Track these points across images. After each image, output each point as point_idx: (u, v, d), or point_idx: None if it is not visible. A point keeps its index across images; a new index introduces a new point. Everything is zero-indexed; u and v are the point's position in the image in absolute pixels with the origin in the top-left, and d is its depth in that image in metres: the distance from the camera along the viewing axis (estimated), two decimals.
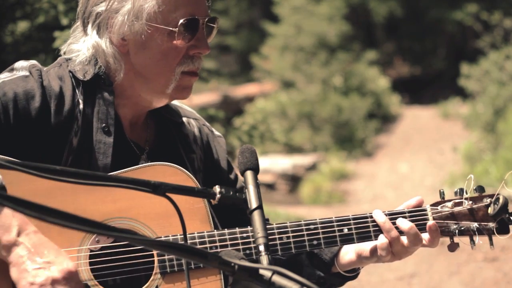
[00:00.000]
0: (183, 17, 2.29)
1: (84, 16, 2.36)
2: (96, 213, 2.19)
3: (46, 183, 1.80)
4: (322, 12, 19.40)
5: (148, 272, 2.24)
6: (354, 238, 2.37)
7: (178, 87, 2.36)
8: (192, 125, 2.60)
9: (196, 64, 2.37)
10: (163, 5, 2.28)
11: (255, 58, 20.35)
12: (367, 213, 2.40)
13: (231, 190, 1.96)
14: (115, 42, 2.32)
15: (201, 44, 2.35)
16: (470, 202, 2.40)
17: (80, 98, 2.32)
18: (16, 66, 2.35)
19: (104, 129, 2.32)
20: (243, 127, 6.32)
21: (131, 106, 2.41)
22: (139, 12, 2.28)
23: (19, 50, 5.45)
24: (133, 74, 2.35)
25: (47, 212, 1.46)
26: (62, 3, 5.01)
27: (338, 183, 14.34)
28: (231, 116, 9.12)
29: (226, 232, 2.28)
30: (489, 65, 15.43)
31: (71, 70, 2.35)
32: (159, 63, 2.32)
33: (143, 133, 2.48)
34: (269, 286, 1.58)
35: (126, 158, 2.33)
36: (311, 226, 2.34)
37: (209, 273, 2.25)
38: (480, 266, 7.42)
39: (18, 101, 2.22)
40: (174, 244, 1.58)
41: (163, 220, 2.24)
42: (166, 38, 2.30)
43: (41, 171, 1.61)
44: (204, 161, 2.58)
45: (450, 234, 2.41)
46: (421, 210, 2.43)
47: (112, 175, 2.05)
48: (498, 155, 11.59)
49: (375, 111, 18.78)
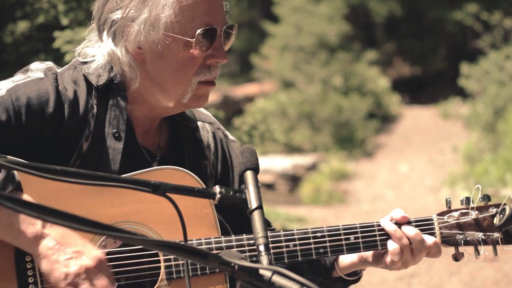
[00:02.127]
0: (200, 27, 2.25)
1: (99, 22, 2.32)
2: (104, 216, 2.18)
3: (54, 184, 1.80)
4: (322, 12, 19.40)
5: (154, 278, 2.23)
6: (361, 247, 2.36)
7: (194, 96, 2.33)
8: (207, 129, 2.57)
9: (213, 74, 2.33)
10: (180, 14, 2.24)
11: (255, 58, 20.35)
12: (374, 222, 2.39)
13: (231, 190, 1.96)
14: (130, 51, 2.28)
15: (219, 54, 2.31)
16: (476, 212, 2.40)
17: (93, 103, 2.29)
18: (31, 67, 2.31)
19: (114, 135, 2.30)
20: (243, 127, 6.32)
21: (145, 112, 2.38)
22: (156, 21, 2.24)
23: (19, 50, 5.45)
24: (148, 82, 2.32)
25: (47, 212, 1.46)
26: (62, 3, 5.01)
27: (338, 183, 14.34)
28: (231, 116, 9.13)
29: (233, 239, 2.27)
30: (489, 65, 15.42)
31: (85, 74, 2.32)
32: (176, 73, 2.29)
33: (156, 139, 2.45)
34: (269, 286, 1.58)
35: (137, 165, 2.30)
36: (318, 234, 2.33)
37: (215, 281, 2.24)
38: (480, 266, 7.42)
39: (31, 106, 2.19)
40: (174, 244, 1.58)
41: (170, 224, 2.23)
42: (182, 48, 2.26)
43: (41, 171, 1.61)
44: (217, 167, 2.56)
45: (455, 244, 2.41)
46: (427, 220, 2.42)
47: (112, 175, 2.05)
48: (498, 155, 11.58)
49: (375, 111, 18.77)
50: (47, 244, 2.05)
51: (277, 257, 2.29)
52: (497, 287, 7.03)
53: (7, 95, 2.19)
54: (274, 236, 2.29)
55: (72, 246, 2.06)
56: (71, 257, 2.05)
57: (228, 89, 18.99)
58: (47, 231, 2.06)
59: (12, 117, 2.16)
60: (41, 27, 5.42)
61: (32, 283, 2.12)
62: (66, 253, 2.05)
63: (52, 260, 2.04)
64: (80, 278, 2.03)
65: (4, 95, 2.19)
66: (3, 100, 2.17)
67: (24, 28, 5.48)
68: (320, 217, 11.39)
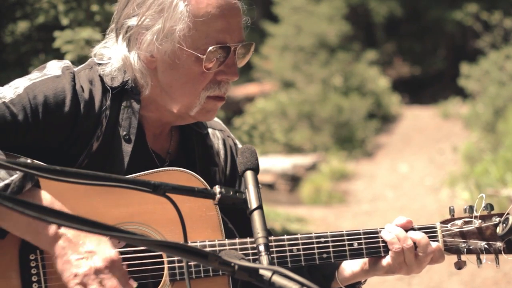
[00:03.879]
0: (212, 44, 2.23)
1: (117, 25, 2.33)
2: (108, 217, 2.19)
3: (60, 184, 1.80)
4: (322, 12, 19.39)
5: (157, 279, 2.23)
6: (364, 253, 2.36)
7: (202, 110, 2.33)
8: (217, 136, 2.57)
9: (223, 90, 2.33)
10: (194, 29, 2.22)
11: (255, 58, 20.33)
12: (378, 228, 2.39)
13: (231, 190, 1.96)
14: (142, 58, 2.28)
15: (230, 71, 2.30)
16: (479, 221, 2.40)
17: (107, 104, 2.29)
18: (48, 65, 2.32)
19: (124, 137, 2.30)
20: (243, 127, 6.33)
21: (156, 117, 2.38)
22: (169, 33, 2.23)
23: (19, 50, 5.46)
24: (159, 90, 2.32)
25: (47, 212, 1.46)
26: (62, 3, 5.01)
27: (338, 183, 14.33)
28: (231, 116, 9.13)
29: (237, 242, 2.27)
30: (489, 65, 15.42)
31: (100, 75, 2.32)
32: (185, 86, 2.28)
33: (166, 144, 2.45)
34: (269, 286, 1.58)
35: (145, 168, 2.29)
36: (321, 239, 2.33)
37: (218, 283, 2.24)
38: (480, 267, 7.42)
39: (48, 104, 2.20)
40: (174, 244, 1.58)
41: (174, 226, 2.22)
42: (194, 62, 2.25)
43: (41, 171, 1.61)
44: (226, 173, 2.57)
45: (458, 252, 2.41)
46: (430, 227, 2.42)
47: (113, 175, 2.05)
48: (498, 155, 11.57)
49: (375, 111, 18.76)
50: (61, 244, 2.06)
51: (280, 261, 2.29)
52: (497, 287, 7.03)
53: (24, 93, 2.20)
54: (277, 240, 2.30)
55: (85, 245, 2.06)
56: (83, 257, 2.05)
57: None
58: (62, 230, 2.07)
59: (29, 115, 2.17)
60: (41, 27, 5.43)
61: (35, 281, 2.13)
62: (78, 253, 2.06)
63: (64, 260, 2.06)
64: (90, 279, 2.04)
65: (21, 93, 2.20)
66: (20, 99, 2.18)
67: (24, 28, 5.49)
68: (320, 217, 11.40)
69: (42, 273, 2.13)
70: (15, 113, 2.16)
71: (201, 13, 2.23)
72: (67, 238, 2.06)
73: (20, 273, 2.13)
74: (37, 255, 2.14)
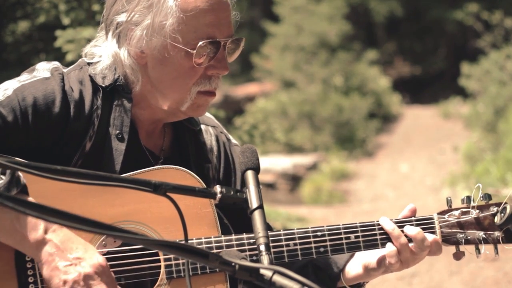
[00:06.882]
0: (202, 39, 2.23)
1: (106, 22, 2.33)
2: (104, 216, 2.18)
3: (55, 184, 1.79)
4: (322, 11, 19.39)
5: (154, 277, 2.22)
6: (361, 246, 2.35)
7: (193, 105, 2.32)
8: (210, 133, 2.56)
9: (214, 84, 2.32)
10: (183, 24, 2.22)
11: (255, 58, 20.34)
12: (374, 221, 2.38)
13: (232, 190, 1.96)
14: (132, 54, 2.28)
15: (220, 65, 2.30)
16: (477, 211, 2.39)
17: (98, 104, 2.29)
18: (37, 67, 2.31)
19: (117, 136, 2.30)
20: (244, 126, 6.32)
21: (149, 115, 2.38)
22: (159, 28, 2.23)
23: (20, 50, 5.46)
24: (150, 86, 2.32)
25: (47, 212, 1.46)
26: (63, 2, 5.01)
27: (338, 183, 14.33)
28: (231, 115, 9.13)
29: (233, 238, 2.26)
30: (489, 64, 15.42)
31: (91, 75, 2.32)
32: (175, 81, 2.28)
33: (159, 141, 2.45)
34: (270, 285, 1.58)
35: (139, 166, 2.29)
36: (318, 233, 2.32)
37: (215, 280, 2.24)
38: (481, 266, 7.42)
39: (37, 106, 2.20)
40: (174, 244, 1.58)
41: (170, 224, 2.23)
42: (184, 57, 2.25)
43: (42, 170, 1.61)
44: (219, 170, 2.56)
45: (456, 243, 2.40)
46: (428, 219, 2.41)
47: (113, 175, 2.06)
48: (498, 154, 11.57)
49: (376, 111, 18.76)
50: (48, 250, 2.05)
51: (277, 256, 2.28)
52: (497, 286, 7.03)
53: (14, 95, 2.19)
54: (274, 235, 2.29)
55: (73, 252, 2.05)
56: (71, 263, 2.04)
57: (228, 89, 18.97)
58: (49, 236, 2.06)
59: (18, 117, 2.17)
60: (41, 27, 5.43)
61: (32, 283, 2.12)
62: (66, 259, 2.04)
63: (52, 267, 2.04)
64: (79, 285, 2.03)
65: (10, 95, 2.19)
66: (9, 101, 2.18)
67: (24, 28, 5.49)
68: (321, 217, 11.39)
69: (39, 274, 2.12)
70: (4, 115, 2.16)
71: (190, 7, 2.23)
72: (55, 244, 2.05)
73: (16, 275, 2.12)
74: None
